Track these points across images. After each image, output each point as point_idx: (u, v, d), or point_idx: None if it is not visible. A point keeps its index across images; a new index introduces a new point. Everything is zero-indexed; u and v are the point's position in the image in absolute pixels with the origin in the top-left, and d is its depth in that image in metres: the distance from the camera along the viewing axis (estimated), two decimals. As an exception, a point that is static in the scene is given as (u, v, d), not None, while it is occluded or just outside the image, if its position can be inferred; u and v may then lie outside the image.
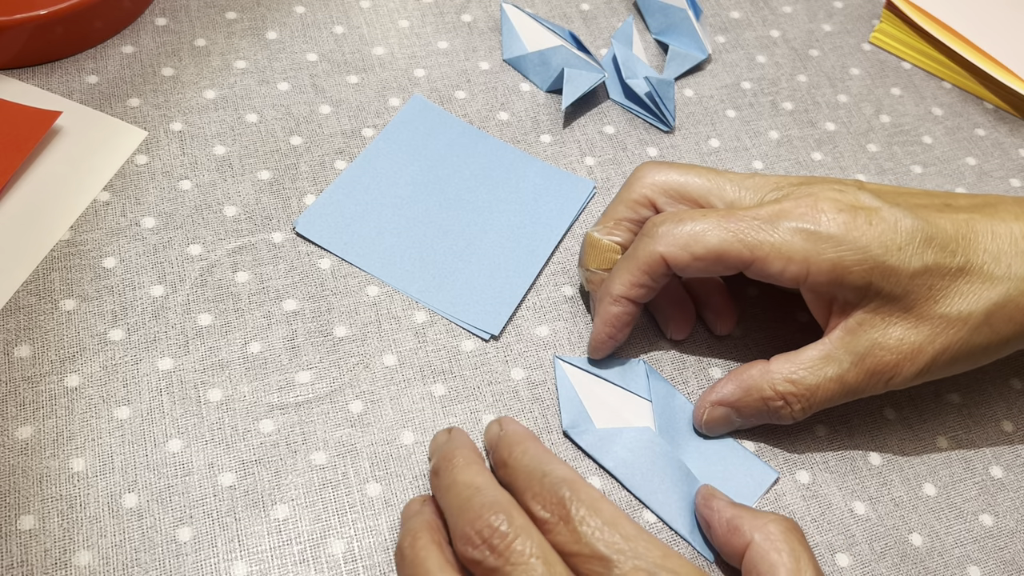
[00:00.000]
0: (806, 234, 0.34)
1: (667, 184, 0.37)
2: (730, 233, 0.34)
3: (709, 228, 0.35)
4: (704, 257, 0.35)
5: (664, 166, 0.38)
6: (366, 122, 0.46)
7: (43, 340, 0.37)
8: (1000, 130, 0.52)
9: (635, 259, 0.36)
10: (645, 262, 0.36)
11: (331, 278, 0.40)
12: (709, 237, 0.34)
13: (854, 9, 0.56)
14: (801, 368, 0.36)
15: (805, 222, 0.34)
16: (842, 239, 0.34)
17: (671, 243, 0.35)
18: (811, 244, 0.34)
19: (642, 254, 0.36)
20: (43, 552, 0.32)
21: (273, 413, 0.37)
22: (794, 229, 0.34)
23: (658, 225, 0.35)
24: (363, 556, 0.34)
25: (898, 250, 0.34)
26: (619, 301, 0.37)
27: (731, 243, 0.34)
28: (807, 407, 0.36)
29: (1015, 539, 0.38)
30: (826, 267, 0.34)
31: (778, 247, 0.34)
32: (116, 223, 0.40)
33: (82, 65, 0.45)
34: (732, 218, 0.35)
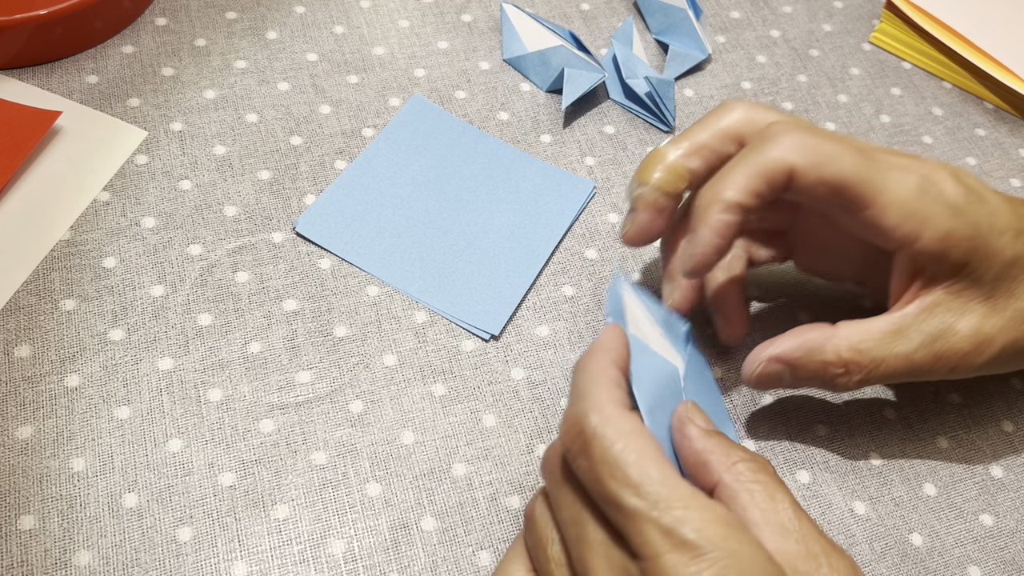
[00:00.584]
0: (930, 196, 0.33)
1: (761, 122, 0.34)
2: (863, 167, 0.32)
3: (844, 153, 0.32)
4: (830, 182, 0.32)
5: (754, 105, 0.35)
6: (366, 122, 0.46)
7: (43, 340, 0.37)
8: (1000, 130, 0.52)
9: (755, 163, 0.32)
10: (770, 168, 0.32)
11: (331, 278, 0.40)
12: (844, 162, 0.32)
13: (854, 9, 0.56)
14: (870, 338, 0.34)
15: (930, 183, 0.33)
16: (961, 210, 0.33)
17: (804, 155, 0.32)
18: (933, 208, 0.33)
19: (766, 159, 0.32)
20: (43, 552, 0.32)
21: (273, 413, 0.37)
22: (920, 187, 0.33)
23: (788, 131, 0.32)
24: (363, 556, 0.34)
25: (1000, 234, 0.33)
26: (732, 209, 0.33)
27: (862, 177, 0.32)
28: (866, 379, 0.35)
29: (1015, 539, 0.38)
30: (939, 235, 0.33)
31: (902, 200, 0.32)
32: (116, 223, 0.40)
33: (82, 65, 0.45)
34: (865, 152, 0.33)
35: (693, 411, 0.32)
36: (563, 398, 0.39)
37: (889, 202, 0.33)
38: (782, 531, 0.28)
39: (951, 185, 0.33)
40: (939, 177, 0.33)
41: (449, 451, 0.37)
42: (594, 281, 0.42)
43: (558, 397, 0.39)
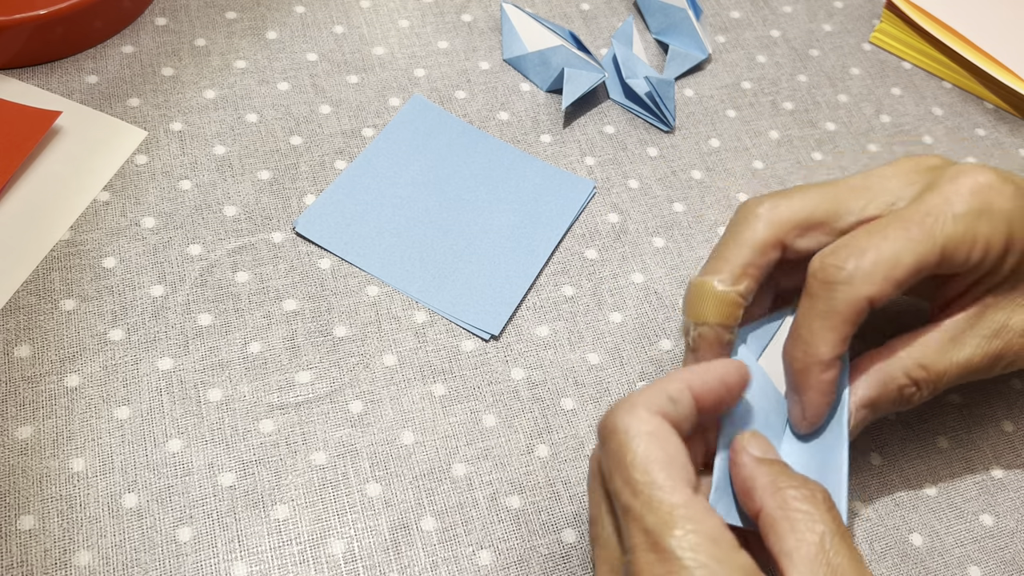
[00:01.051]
0: (987, 214, 0.32)
1: (793, 218, 0.33)
2: (920, 243, 0.32)
3: (900, 247, 0.32)
4: (906, 280, 0.32)
5: (774, 198, 0.34)
6: (366, 122, 0.46)
7: (43, 340, 0.37)
8: (1000, 130, 0.52)
9: (834, 313, 0.32)
10: (848, 311, 0.32)
11: (331, 278, 0.40)
12: (904, 257, 0.31)
13: (854, 9, 0.56)
14: (930, 352, 0.34)
15: (980, 201, 0.32)
16: (1015, 213, 0.32)
17: (872, 281, 0.31)
18: (992, 224, 0.32)
19: (842, 305, 0.32)
20: (43, 552, 0.32)
21: (273, 413, 0.37)
22: (972, 212, 0.32)
23: (842, 267, 0.32)
24: (363, 556, 0.34)
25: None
26: (831, 364, 0.32)
27: (925, 253, 0.32)
28: (934, 391, 0.35)
29: (1015, 539, 0.38)
30: (1001, 246, 0.32)
31: (961, 236, 0.32)
32: (116, 223, 0.40)
33: (82, 65, 0.45)
34: (913, 226, 0.32)
35: (750, 439, 0.32)
36: (563, 398, 0.39)
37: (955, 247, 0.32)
38: (812, 563, 0.27)
39: (998, 194, 0.33)
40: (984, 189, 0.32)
41: (449, 451, 0.37)
42: (594, 281, 0.42)
43: (558, 397, 0.39)
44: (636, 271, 0.43)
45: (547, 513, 0.36)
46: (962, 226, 0.32)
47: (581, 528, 0.36)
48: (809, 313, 0.32)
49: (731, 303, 0.33)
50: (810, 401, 0.33)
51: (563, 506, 0.36)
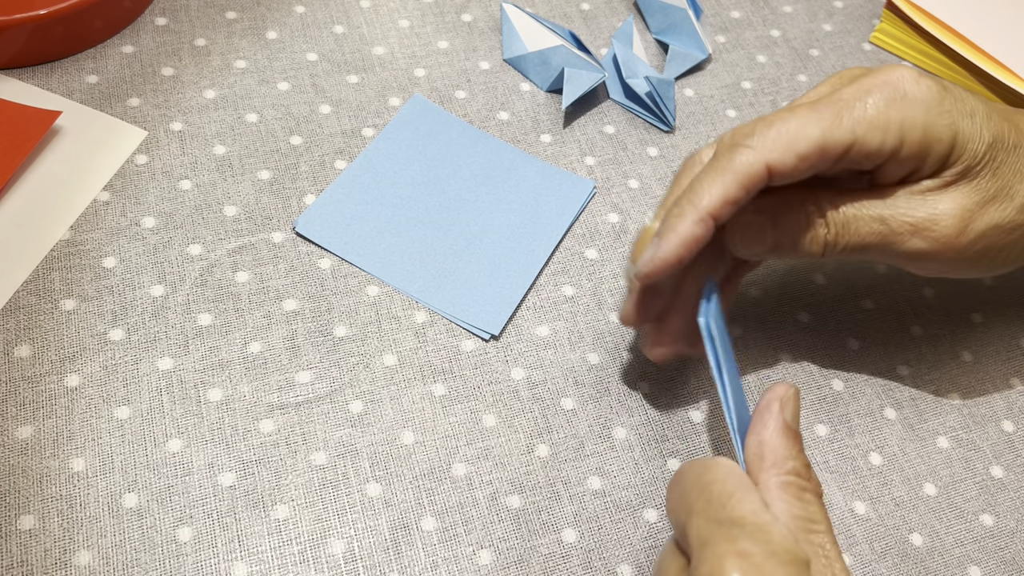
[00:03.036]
0: (899, 102, 0.33)
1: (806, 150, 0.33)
2: (826, 121, 0.32)
3: (807, 122, 0.32)
4: (809, 155, 0.32)
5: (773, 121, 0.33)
6: (366, 122, 0.46)
7: (43, 340, 0.37)
8: (1000, 130, 0.52)
9: (731, 171, 0.32)
10: (745, 171, 0.32)
11: (331, 278, 0.40)
12: (810, 131, 0.32)
13: (854, 9, 0.56)
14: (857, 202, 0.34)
15: (894, 91, 0.33)
16: (931, 102, 0.33)
17: (774, 147, 0.32)
18: (905, 111, 0.33)
19: (741, 165, 0.32)
20: (43, 552, 0.32)
21: (273, 413, 0.37)
22: (885, 99, 0.33)
23: (749, 134, 0.32)
24: (363, 556, 0.34)
25: (970, 116, 0.33)
26: (706, 220, 0.32)
27: (831, 131, 0.32)
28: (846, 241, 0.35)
29: (1015, 539, 0.38)
30: (919, 134, 0.33)
31: (872, 120, 0.32)
32: (116, 223, 0.40)
33: (82, 65, 0.45)
34: (822, 107, 0.33)
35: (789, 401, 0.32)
36: (563, 398, 0.39)
37: (864, 131, 0.32)
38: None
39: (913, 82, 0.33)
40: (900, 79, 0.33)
41: (449, 451, 0.37)
42: (594, 281, 0.42)
43: (558, 397, 0.39)
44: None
45: (547, 513, 0.36)
46: (873, 111, 0.32)
47: (581, 528, 0.36)
48: (708, 168, 0.33)
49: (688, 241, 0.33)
50: (667, 244, 0.32)
51: (563, 506, 0.36)
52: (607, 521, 0.36)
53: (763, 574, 0.25)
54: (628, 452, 0.38)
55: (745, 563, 0.26)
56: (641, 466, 0.38)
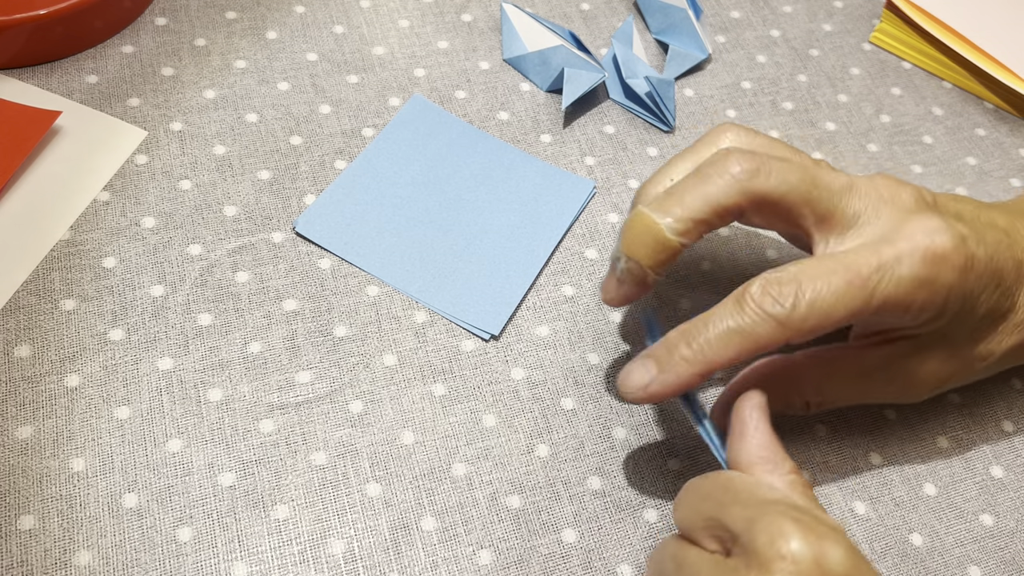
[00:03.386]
0: (927, 284, 0.32)
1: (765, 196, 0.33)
2: (858, 301, 0.31)
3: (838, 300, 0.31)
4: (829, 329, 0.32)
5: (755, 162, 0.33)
6: (366, 122, 0.46)
7: (43, 340, 0.37)
8: (1000, 130, 0.52)
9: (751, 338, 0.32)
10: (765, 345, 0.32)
11: (331, 278, 0.40)
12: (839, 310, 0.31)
13: (854, 9, 0.56)
14: (834, 384, 0.36)
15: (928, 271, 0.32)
16: (954, 288, 0.32)
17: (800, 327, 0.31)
18: (929, 294, 0.32)
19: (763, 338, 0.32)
20: (43, 552, 0.32)
21: (273, 413, 0.37)
22: (915, 281, 0.32)
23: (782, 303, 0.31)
24: (363, 556, 0.34)
25: (979, 295, 0.33)
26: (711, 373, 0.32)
27: (860, 309, 0.32)
28: (826, 407, 0.37)
29: (1015, 539, 0.38)
30: (934, 312, 0.33)
31: (900, 299, 0.32)
32: (116, 223, 0.40)
33: (82, 65, 0.45)
34: (856, 279, 0.31)
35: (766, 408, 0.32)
36: (563, 398, 0.39)
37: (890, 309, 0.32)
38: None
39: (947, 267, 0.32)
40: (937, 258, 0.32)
41: (449, 451, 0.37)
42: (594, 281, 0.42)
43: (558, 397, 0.39)
44: (636, 271, 0.43)
45: (547, 513, 0.36)
46: (903, 290, 0.32)
47: (581, 528, 0.36)
48: (728, 321, 0.32)
49: (671, 250, 0.33)
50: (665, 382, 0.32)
51: (563, 506, 0.36)
52: (607, 521, 0.36)
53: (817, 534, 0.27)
54: (628, 452, 0.38)
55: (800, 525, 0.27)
56: (641, 466, 0.38)
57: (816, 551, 0.27)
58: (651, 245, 0.33)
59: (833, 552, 0.27)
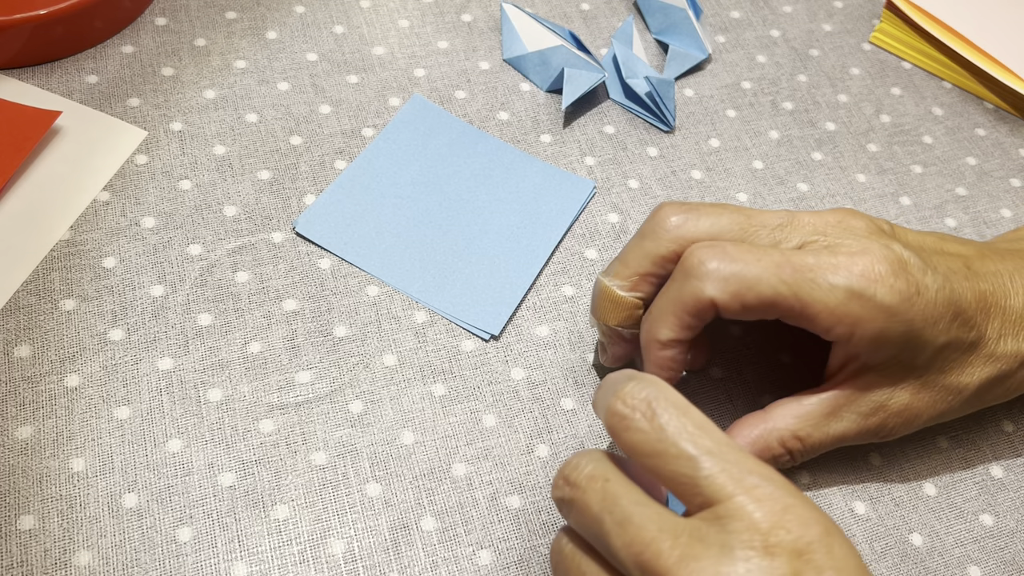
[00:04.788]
0: (863, 300, 0.32)
1: (696, 238, 0.34)
2: (785, 285, 0.32)
3: (763, 275, 0.32)
4: (755, 307, 0.33)
5: (687, 210, 0.35)
6: (366, 122, 0.46)
7: (43, 340, 0.37)
8: (1000, 130, 0.52)
9: (680, 300, 0.33)
10: (693, 305, 0.33)
11: (331, 278, 0.40)
12: (763, 287, 0.32)
13: (854, 9, 0.56)
14: (808, 425, 0.36)
15: (863, 285, 0.32)
16: (895, 311, 0.32)
17: (723, 288, 0.32)
18: (865, 311, 0.32)
19: (688, 296, 0.33)
20: (43, 552, 0.32)
21: (273, 413, 0.37)
22: (850, 291, 0.32)
23: (705, 262, 0.33)
24: (363, 556, 0.34)
25: (933, 325, 0.33)
26: (669, 345, 0.35)
27: (785, 296, 0.32)
28: (806, 457, 0.37)
29: (1015, 539, 0.38)
30: (871, 335, 0.33)
31: (832, 307, 0.32)
32: (116, 223, 0.40)
33: (82, 65, 0.45)
34: (786, 266, 0.32)
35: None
36: (563, 398, 0.39)
37: (818, 312, 0.33)
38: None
39: (887, 284, 0.32)
40: (874, 273, 0.32)
41: (449, 451, 0.37)
42: (594, 281, 0.42)
43: (558, 397, 0.39)
44: (636, 271, 0.43)
45: (547, 513, 0.36)
46: (833, 298, 0.32)
47: (581, 528, 0.36)
48: (663, 294, 0.34)
49: (629, 307, 0.36)
50: (648, 371, 0.35)
51: (563, 506, 0.36)
52: (607, 521, 0.36)
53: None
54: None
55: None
56: (641, 466, 0.38)
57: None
58: (610, 306, 0.36)
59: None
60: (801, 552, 0.26)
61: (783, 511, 0.26)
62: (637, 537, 0.27)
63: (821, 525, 0.26)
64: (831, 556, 0.26)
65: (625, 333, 0.37)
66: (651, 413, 0.28)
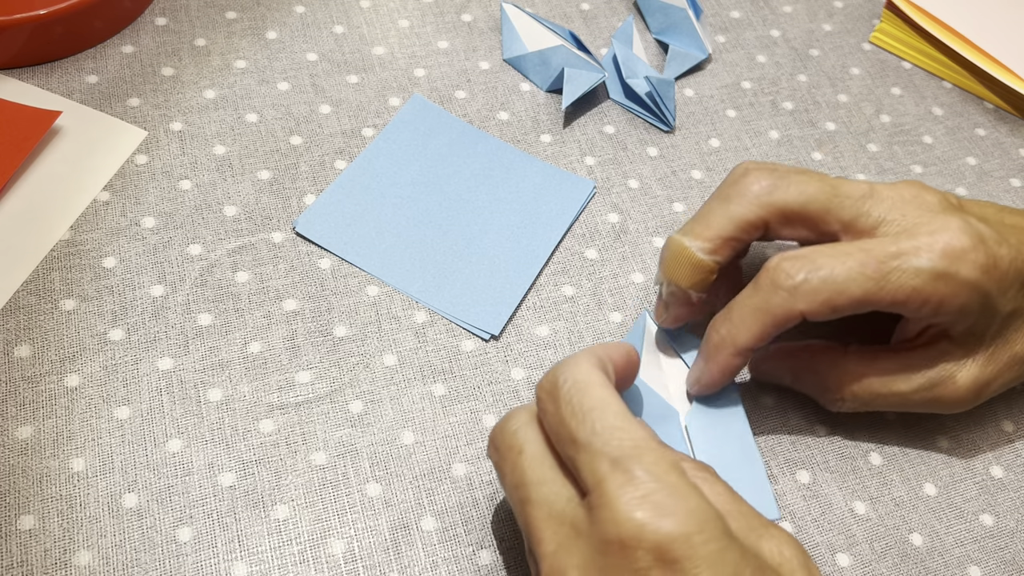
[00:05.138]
0: (947, 278, 0.33)
1: (785, 208, 0.35)
2: (871, 281, 0.33)
3: (850, 278, 0.33)
4: (846, 308, 0.33)
5: (775, 176, 0.35)
6: (366, 122, 0.46)
7: (43, 340, 0.37)
8: (1000, 130, 0.52)
9: (768, 312, 0.34)
10: (783, 317, 0.33)
11: (331, 278, 0.40)
12: (852, 288, 0.33)
13: (854, 9, 0.56)
14: (875, 375, 0.36)
15: (946, 264, 0.33)
16: (976, 285, 0.33)
17: (812, 299, 0.33)
18: (950, 288, 0.33)
19: (778, 309, 0.33)
20: (43, 552, 0.32)
21: (273, 413, 0.37)
22: (935, 272, 0.33)
23: (793, 275, 0.33)
24: (363, 556, 0.34)
25: (1003, 294, 0.34)
26: (742, 354, 0.35)
27: (874, 291, 0.33)
28: (860, 407, 0.37)
29: (1015, 539, 0.38)
30: (956, 309, 0.33)
31: (919, 289, 0.33)
32: (116, 223, 0.40)
33: (82, 65, 0.45)
34: (870, 262, 0.33)
35: None
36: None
37: (906, 297, 0.33)
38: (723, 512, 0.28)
39: (969, 260, 0.33)
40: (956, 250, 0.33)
41: (449, 451, 0.37)
42: (594, 281, 0.42)
43: (558, 397, 0.39)
44: (636, 271, 0.43)
45: (547, 513, 0.36)
46: (919, 281, 0.33)
47: (581, 528, 0.36)
48: (747, 301, 0.34)
49: (706, 270, 0.36)
50: (710, 372, 0.36)
51: (563, 506, 0.36)
52: (607, 521, 0.36)
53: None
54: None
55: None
56: (641, 466, 0.38)
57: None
58: (687, 268, 0.36)
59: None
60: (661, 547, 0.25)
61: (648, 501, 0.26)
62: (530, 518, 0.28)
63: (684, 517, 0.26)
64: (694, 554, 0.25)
65: (694, 296, 0.36)
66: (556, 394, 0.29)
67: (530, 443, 0.30)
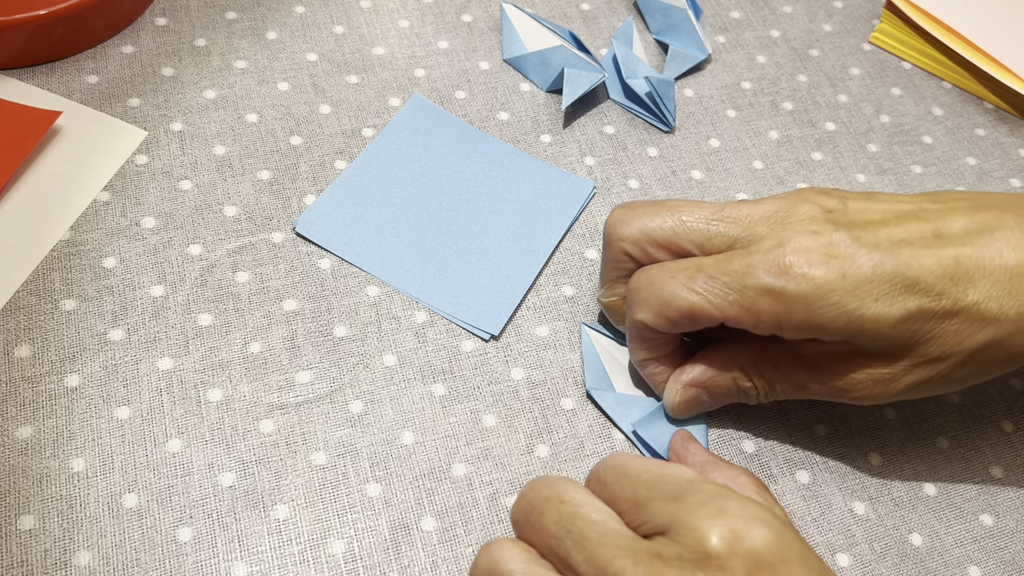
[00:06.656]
0: (774, 295, 0.32)
1: (637, 237, 0.36)
2: (698, 296, 0.34)
3: (677, 292, 0.34)
4: (678, 320, 0.34)
5: (630, 213, 0.36)
6: (366, 122, 0.46)
7: (43, 340, 0.37)
8: (1000, 130, 0.52)
9: (632, 325, 0.37)
10: (636, 328, 0.36)
11: (331, 278, 0.40)
12: (678, 302, 0.34)
13: (854, 9, 0.56)
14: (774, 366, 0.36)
15: (773, 280, 0.32)
16: (812, 298, 0.32)
17: (647, 310, 0.35)
18: (780, 305, 0.32)
19: (630, 322, 0.37)
20: (43, 552, 0.32)
21: (273, 413, 0.37)
22: (761, 289, 0.33)
23: (635, 289, 0.36)
24: (363, 556, 0.34)
25: (875, 301, 0.32)
26: (644, 363, 0.38)
27: (700, 305, 0.34)
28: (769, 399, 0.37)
29: (1015, 539, 0.38)
30: (797, 323, 0.33)
31: (747, 307, 0.33)
32: (116, 223, 0.40)
33: (82, 65, 0.45)
34: (699, 278, 0.34)
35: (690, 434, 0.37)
36: (563, 398, 0.39)
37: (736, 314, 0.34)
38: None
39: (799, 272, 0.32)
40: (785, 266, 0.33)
41: (449, 451, 0.37)
42: (594, 281, 0.42)
43: (558, 397, 0.39)
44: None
45: (547, 513, 0.36)
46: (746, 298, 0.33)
47: (581, 528, 0.36)
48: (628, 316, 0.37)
49: (619, 309, 0.39)
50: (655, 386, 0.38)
51: (563, 506, 0.36)
52: (607, 521, 0.36)
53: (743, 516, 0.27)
54: (628, 452, 0.38)
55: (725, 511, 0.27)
56: (641, 466, 0.38)
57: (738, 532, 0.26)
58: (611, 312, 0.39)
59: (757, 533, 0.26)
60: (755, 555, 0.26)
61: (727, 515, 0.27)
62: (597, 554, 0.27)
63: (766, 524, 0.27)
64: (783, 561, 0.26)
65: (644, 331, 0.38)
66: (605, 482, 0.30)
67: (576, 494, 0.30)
